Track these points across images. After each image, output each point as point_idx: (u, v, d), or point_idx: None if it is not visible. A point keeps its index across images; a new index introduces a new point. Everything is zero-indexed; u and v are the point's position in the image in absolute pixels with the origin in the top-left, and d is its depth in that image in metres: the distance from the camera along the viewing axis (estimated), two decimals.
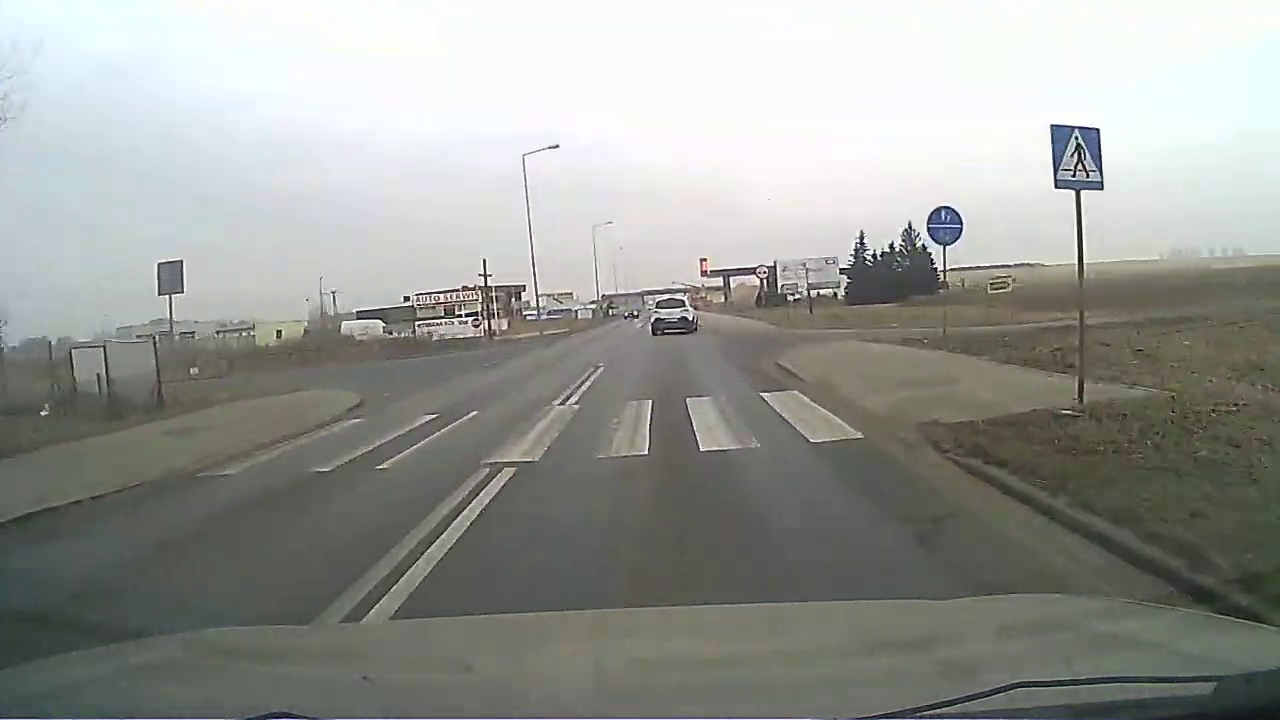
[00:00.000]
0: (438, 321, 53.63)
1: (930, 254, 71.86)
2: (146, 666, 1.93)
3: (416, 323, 54.43)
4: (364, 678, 1.77)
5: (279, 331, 57.21)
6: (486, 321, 47.86)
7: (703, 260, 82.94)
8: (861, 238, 73.11)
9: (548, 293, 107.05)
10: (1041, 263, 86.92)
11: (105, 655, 2.10)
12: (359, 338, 43.82)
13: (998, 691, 1.24)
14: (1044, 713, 1.24)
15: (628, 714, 1.50)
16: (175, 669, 1.90)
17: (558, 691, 1.73)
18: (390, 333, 48.46)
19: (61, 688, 1.72)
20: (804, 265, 63.85)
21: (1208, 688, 1.23)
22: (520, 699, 1.69)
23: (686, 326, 36.17)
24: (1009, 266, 78.04)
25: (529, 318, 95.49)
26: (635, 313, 79.24)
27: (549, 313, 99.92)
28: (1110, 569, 4.50)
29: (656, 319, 37.81)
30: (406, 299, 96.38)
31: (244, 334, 63.76)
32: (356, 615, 4.52)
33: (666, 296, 44.37)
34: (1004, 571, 4.64)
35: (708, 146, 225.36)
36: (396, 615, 4.49)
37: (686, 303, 40.58)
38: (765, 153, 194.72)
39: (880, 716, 1.23)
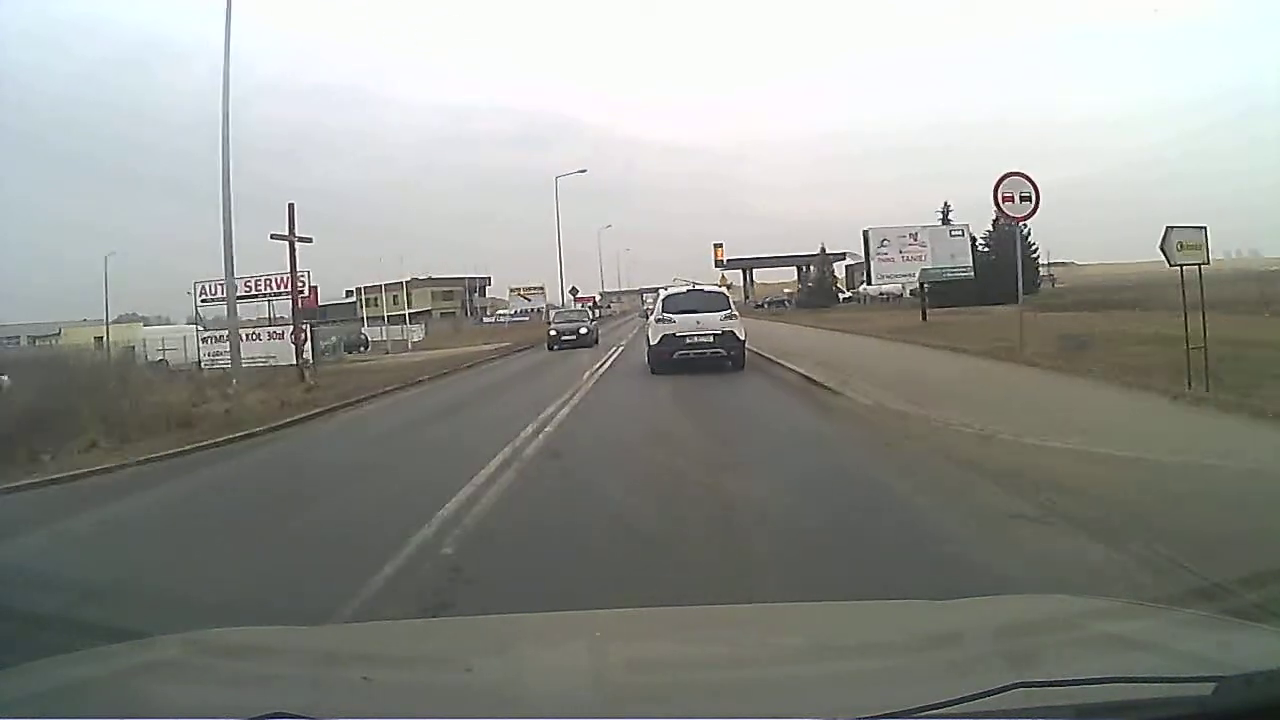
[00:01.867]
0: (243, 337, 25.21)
1: (1034, 243, 46.20)
2: (146, 666, 1.93)
3: (204, 335, 29.14)
4: (364, 678, 1.78)
5: (97, 338, 43.50)
6: (297, 338, 23.50)
7: (717, 246, 61.29)
8: (946, 211, 48.83)
9: (515, 287, 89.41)
10: (1074, 261, 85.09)
11: (105, 655, 2.10)
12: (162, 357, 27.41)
13: (998, 691, 1.24)
14: (1044, 713, 1.24)
15: (627, 714, 1.51)
16: (175, 669, 1.90)
17: (558, 691, 1.73)
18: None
19: (61, 688, 1.72)
20: (913, 235, 35.76)
21: (1208, 688, 1.23)
22: (520, 699, 1.69)
23: (731, 351, 17.15)
24: (1042, 265, 75.36)
25: (494, 320, 75.53)
26: (581, 331, 33.04)
27: (516, 314, 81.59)
28: None
29: (667, 336, 17.50)
30: (349, 293, 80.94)
31: (51, 341, 47.44)
32: None
33: (688, 288, 21.30)
34: None
35: (711, 140, 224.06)
36: None
37: (730, 304, 18.96)
38: (772, 147, 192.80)
39: (880, 716, 1.23)
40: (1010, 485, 6.24)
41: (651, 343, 17.61)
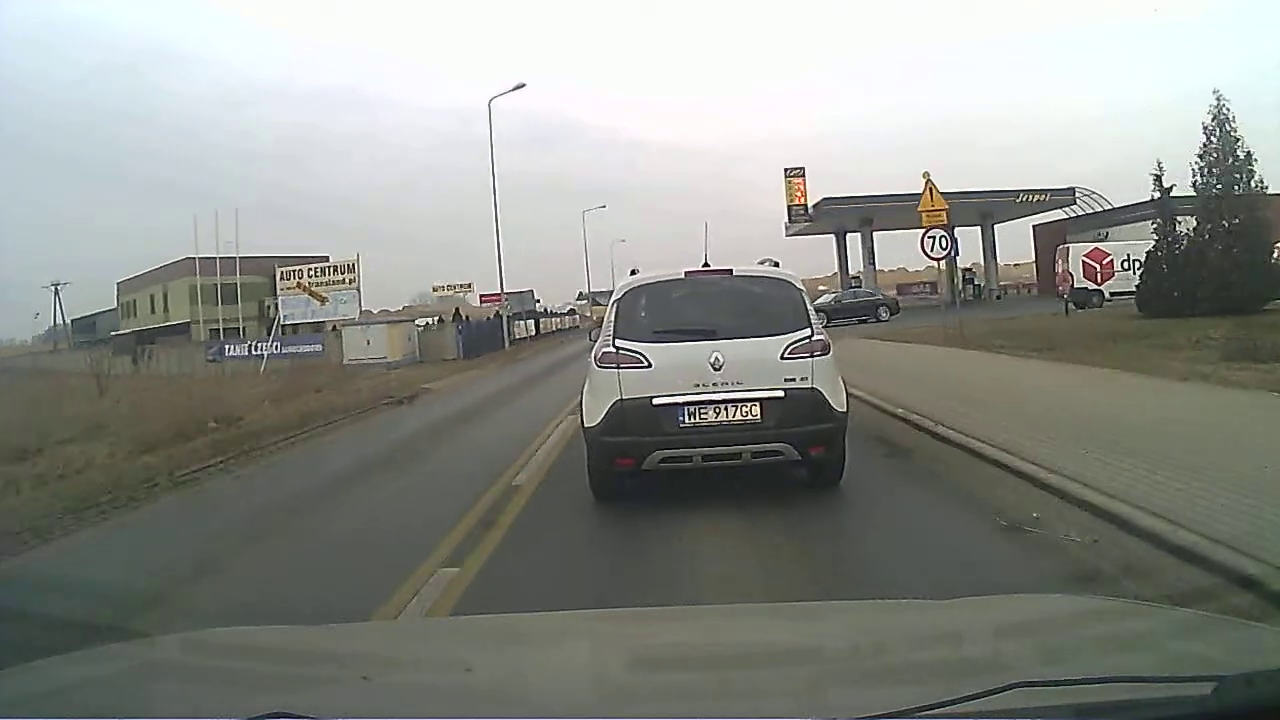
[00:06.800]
0: None
1: None
2: (146, 666, 1.93)
3: None
4: (364, 678, 1.78)
5: None
6: None
7: (794, 176, 37.85)
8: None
9: (294, 270, 34.60)
10: None
11: (105, 655, 2.10)
12: None
13: (998, 691, 1.24)
14: (1044, 713, 1.24)
15: (627, 714, 1.51)
16: (175, 669, 1.90)
17: (558, 691, 1.73)
18: None
19: (61, 688, 1.72)
20: None
21: (1208, 688, 1.23)
22: (520, 699, 1.69)
23: (811, 444, 6.43)
24: None
25: (258, 351, 32.36)
26: None
27: (288, 339, 35.23)
28: None
29: (628, 407, 6.43)
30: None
31: None
32: None
33: (683, 274, 7.05)
34: None
35: (714, 140, 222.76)
36: None
37: (808, 310, 6.88)
38: (775, 145, 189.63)
39: (880, 716, 1.23)
40: None
41: (586, 422, 6.94)
